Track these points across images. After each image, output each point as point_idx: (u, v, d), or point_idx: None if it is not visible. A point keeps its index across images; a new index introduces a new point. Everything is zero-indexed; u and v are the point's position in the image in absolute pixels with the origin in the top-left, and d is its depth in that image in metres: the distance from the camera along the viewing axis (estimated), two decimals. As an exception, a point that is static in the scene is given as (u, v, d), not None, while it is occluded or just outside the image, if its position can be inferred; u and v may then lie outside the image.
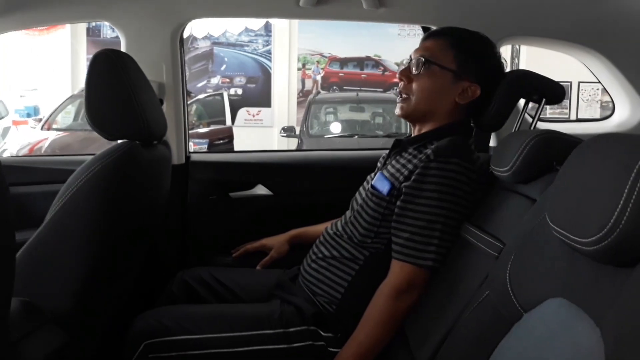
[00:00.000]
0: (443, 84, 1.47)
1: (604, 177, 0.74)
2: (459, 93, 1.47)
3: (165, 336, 1.40)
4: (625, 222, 0.68)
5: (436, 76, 1.47)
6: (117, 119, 1.40)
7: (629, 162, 0.69)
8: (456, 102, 1.48)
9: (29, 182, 1.91)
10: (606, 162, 0.75)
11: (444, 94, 1.48)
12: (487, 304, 1.05)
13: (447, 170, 1.34)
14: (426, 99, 1.48)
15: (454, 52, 1.47)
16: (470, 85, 1.47)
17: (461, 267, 1.26)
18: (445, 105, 1.48)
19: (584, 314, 0.78)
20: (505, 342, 0.96)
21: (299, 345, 1.42)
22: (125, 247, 1.47)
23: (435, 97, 1.48)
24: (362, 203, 1.48)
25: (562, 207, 0.83)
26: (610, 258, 0.72)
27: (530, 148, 1.14)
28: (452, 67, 1.46)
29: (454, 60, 1.47)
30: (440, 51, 1.48)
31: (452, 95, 1.47)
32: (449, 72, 1.46)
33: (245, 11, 1.97)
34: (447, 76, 1.47)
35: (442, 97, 1.48)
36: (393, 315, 1.34)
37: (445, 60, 1.47)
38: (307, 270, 1.54)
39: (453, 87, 1.47)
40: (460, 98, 1.47)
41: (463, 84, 1.47)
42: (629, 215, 0.68)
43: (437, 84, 1.48)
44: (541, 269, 0.94)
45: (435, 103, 1.48)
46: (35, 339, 1.13)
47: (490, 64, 1.52)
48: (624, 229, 0.68)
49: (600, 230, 0.70)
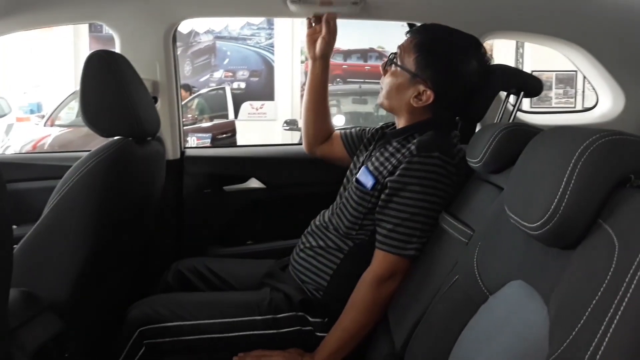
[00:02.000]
0: (401, 84, 1.50)
1: (549, 167, 0.79)
2: (414, 95, 1.48)
3: (159, 323, 1.45)
4: (564, 208, 0.74)
5: (397, 75, 1.51)
6: (111, 117, 1.47)
7: (569, 153, 0.75)
8: (411, 103, 1.49)
9: (27, 179, 1.97)
10: (552, 152, 0.81)
11: (400, 94, 1.50)
12: (457, 287, 1.11)
13: (429, 164, 1.38)
14: (387, 95, 1.53)
15: (416, 54, 1.47)
16: (425, 90, 1.47)
17: (436, 253, 1.32)
18: (404, 105, 1.51)
19: (537, 293, 0.85)
20: (472, 322, 1.02)
21: (288, 330, 1.48)
22: (120, 239, 1.54)
23: (394, 95, 1.52)
24: (347, 196, 1.53)
25: (515, 194, 0.89)
26: (554, 241, 0.79)
27: (498, 140, 1.20)
28: (411, 69, 1.48)
29: (414, 62, 1.48)
30: (406, 51, 1.50)
31: (407, 96, 1.49)
32: (407, 73, 1.49)
33: (235, 11, 2.02)
34: (405, 77, 1.49)
35: (400, 97, 1.51)
36: (376, 301, 1.39)
37: (407, 61, 1.49)
38: (296, 260, 1.59)
39: (409, 89, 1.49)
40: (414, 100, 1.48)
41: (418, 87, 1.47)
42: (567, 201, 0.74)
43: (397, 83, 1.51)
44: (504, 254, 1.01)
45: (395, 101, 1.52)
46: (34, 327, 1.20)
47: (450, 72, 1.47)
48: (563, 214, 0.74)
49: (544, 215, 0.76)
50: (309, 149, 1.86)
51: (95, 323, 1.51)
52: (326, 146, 1.83)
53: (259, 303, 1.50)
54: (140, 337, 1.45)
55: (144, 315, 1.47)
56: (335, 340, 1.40)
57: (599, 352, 0.60)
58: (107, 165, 1.39)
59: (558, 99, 8.16)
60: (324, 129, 1.82)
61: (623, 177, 0.73)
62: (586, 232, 0.74)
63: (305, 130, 1.84)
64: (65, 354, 1.26)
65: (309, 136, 1.84)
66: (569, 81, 8.10)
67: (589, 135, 0.75)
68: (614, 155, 0.74)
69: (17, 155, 2.60)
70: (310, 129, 1.83)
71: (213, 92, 8.69)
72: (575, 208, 0.73)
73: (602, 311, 0.62)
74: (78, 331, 1.33)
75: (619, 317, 0.61)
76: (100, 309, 1.53)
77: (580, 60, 2.07)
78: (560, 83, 8.17)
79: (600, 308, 0.63)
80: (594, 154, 0.73)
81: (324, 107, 1.81)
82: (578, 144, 0.75)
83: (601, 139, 0.74)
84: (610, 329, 0.61)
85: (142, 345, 1.45)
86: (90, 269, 1.38)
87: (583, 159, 0.73)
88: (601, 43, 1.98)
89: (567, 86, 8.20)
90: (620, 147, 0.74)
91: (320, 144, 1.84)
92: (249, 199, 2.09)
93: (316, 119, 1.81)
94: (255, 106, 9.74)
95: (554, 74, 8.02)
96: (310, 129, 1.83)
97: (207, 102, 8.30)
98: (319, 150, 1.85)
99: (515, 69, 1.67)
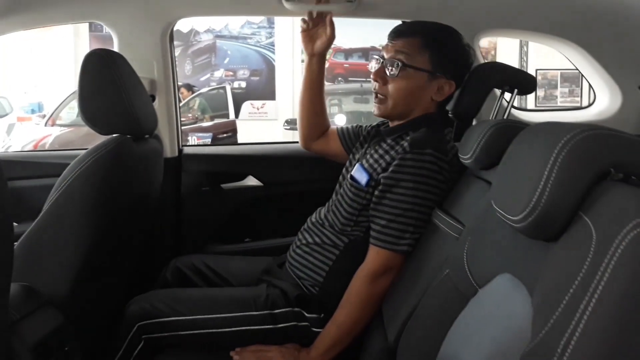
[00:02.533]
0: (419, 85, 1.50)
1: (532, 161, 0.81)
2: (435, 91, 1.51)
3: (158, 318, 1.48)
4: (545, 201, 0.76)
5: (412, 77, 1.50)
6: (109, 115, 1.50)
7: (550, 147, 0.77)
8: (432, 99, 1.52)
9: (26, 177, 2.00)
10: (535, 147, 0.83)
11: (420, 94, 1.51)
12: (448, 281, 1.13)
13: (422, 161, 1.40)
14: (403, 100, 1.52)
15: (428, 52, 1.49)
16: (445, 82, 1.51)
17: (428, 248, 1.34)
18: (423, 104, 1.52)
19: (523, 285, 0.87)
20: (462, 315, 1.05)
21: (284, 325, 1.50)
22: (118, 234, 1.56)
23: (412, 98, 1.52)
24: (343, 193, 1.55)
25: (500, 189, 0.92)
26: (536, 233, 0.81)
27: (487, 137, 1.22)
28: (428, 68, 1.49)
29: (429, 61, 1.49)
30: (415, 52, 1.49)
31: (428, 93, 1.51)
32: (425, 73, 1.50)
33: (231, 10, 2.04)
34: (422, 77, 1.50)
35: (419, 97, 1.52)
36: (370, 296, 1.41)
37: (421, 61, 1.49)
38: (292, 256, 1.61)
39: (429, 87, 1.51)
40: (437, 95, 1.52)
41: (439, 81, 1.50)
42: (548, 195, 0.76)
43: (414, 85, 1.50)
44: (492, 248, 1.03)
45: (412, 103, 1.52)
46: (34, 320, 1.23)
47: (463, 58, 1.55)
48: (544, 207, 0.76)
49: (526, 208, 0.78)
50: (305, 144, 1.88)
51: (94, 317, 1.54)
52: (322, 141, 1.85)
53: (256, 299, 1.52)
54: (138, 331, 1.48)
55: (143, 311, 1.49)
56: (330, 335, 1.42)
57: (573, 337, 0.63)
58: (106, 162, 1.42)
59: (564, 97, 8.10)
60: (320, 124, 1.85)
61: (603, 170, 0.75)
62: (567, 224, 0.76)
63: (301, 125, 1.86)
64: (65, 347, 1.29)
65: (305, 131, 1.86)
66: (574, 79, 8.03)
67: (570, 130, 0.77)
68: (593, 149, 0.76)
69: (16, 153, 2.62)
70: (306, 124, 1.85)
71: (213, 91, 8.67)
72: (556, 201, 0.75)
73: (579, 298, 0.65)
74: (78, 325, 1.36)
75: (593, 303, 0.63)
76: (99, 303, 1.56)
77: (577, 58, 2.07)
78: (565, 82, 8.10)
79: (577, 295, 0.65)
80: (574, 148, 0.75)
81: (320, 102, 1.83)
82: (559, 138, 0.77)
83: (581, 133, 0.76)
84: (585, 315, 0.63)
85: (141, 340, 1.48)
86: (90, 264, 1.41)
87: (564, 153, 0.76)
88: (598, 41, 1.98)
89: (573, 85, 8.15)
90: (600, 142, 0.76)
91: (316, 139, 1.86)
92: (246, 196, 2.11)
93: (312, 114, 1.83)
94: (256, 106, 9.72)
95: (559, 72, 7.97)
96: (306, 124, 1.85)
97: (208, 102, 8.30)
98: (315, 145, 1.87)
99: (508, 67, 1.69)
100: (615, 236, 0.65)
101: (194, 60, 9.96)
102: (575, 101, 7.99)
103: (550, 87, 8.19)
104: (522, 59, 8.57)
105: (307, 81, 1.80)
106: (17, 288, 1.26)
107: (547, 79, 8.15)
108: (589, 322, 0.63)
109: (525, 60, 8.55)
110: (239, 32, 10.17)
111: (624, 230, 0.64)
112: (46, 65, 9.47)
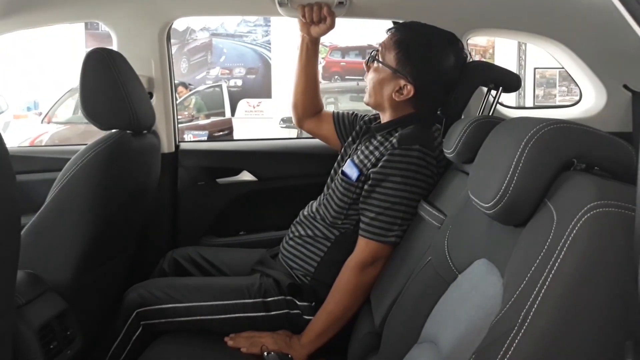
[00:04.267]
0: (383, 79, 1.58)
1: (502, 152, 0.88)
2: (395, 89, 1.56)
3: (155, 305, 1.54)
4: (513, 189, 0.83)
5: (379, 71, 1.59)
6: (108, 111, 1.56)
7: (519, 139, 0.84)
8: (392, 97, 1.57)
9: (29, 171, 2.04)
10: (506, 139, 0.90)
11: (382, 89, 1.58)
12: (430, 268, 1.20)
13: (409, 156, 1.46)
14: (373, 90, 1.61)
15: (396, 50, 1.55)
16: (405, 84, 1.54)
17: (413, 238, 1.41)
18: (387, 100, 1.59)
19: (496, 268, 0.94)
20: (442, 299, 1.11)
21: (277, 313, 1.55)
22: (118, 226, 1.62)
23: (376, 91, 1.60)
24: (334, 188, 1.61)
25: (475, 178, 0.98)
26: (506, 219, 0.88)
27: (468, 132, 1.28)
28: (392, 65, 1.56)
29: (395, 59, 1.55)
30: (387, 48, 1.58)
31: (388, 91, 1.57)
32: (388, 70, 1.57)
33: (226, 10, 2.09)
34: (386, 73, 1.57)
35: (382, 92, 1.59)
36: (358, 285, 1.47)
37: (388, 58, 1.57)
38: (285, 248, 1.67)
39: (389, 84, 1.57)
40: (396, 95, 1.56)
41: (399, 82, 1.55)
42: (515, 183, 0.83)
43: (379, 79, 1.59)
44: (471, 235, 1.10)
45: (378, 96, 1.60)
46: (38, 305, 1.30)
47: (429, 66, 1.54)
48: (512, 194, 0.83)
49: (495, 195, 0.85)
50: (297, 122, 1.92)
51: (95, 304, 1.60)
52: (315, 121, 1.89)
53: (249, 287, 1.58)
54: (137, 318, 1.54)
55: (141, 298, 1.55)
56: (321, 322, 1.48)
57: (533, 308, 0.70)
58: (106, 156, 1.48)
59: (562, 96, 8.08)
60: (314, 103, 1.88)
61: (567, 161, 0.82)
62: (534, 210, 0.83)
63: (295, 102, 1.89)
64: (67, 331, 1.35)
65: (298, 108, 1.89)
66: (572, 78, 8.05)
67: (537, 124, 0.84)
68: (558, 141, 0.83)
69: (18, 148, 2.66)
70: (299, 100, 1.87)
71: (210, 89, 8.68)
72: (523, 189, 0.82)
73: (539, 274, 0.72)
74: (79, 311, 1.42)
75: (550, 278, 0.70)
76: (100, 291, 1.62)
77: (562, 57, 2.12)
78: (564, 80, 8.08)
79: (537, 271, 0.72)
80: (539, 140, 0.82)
81: (314, 79, 1.86)
82: (527, 131, 0.84)
83: (547, 126, 0.83)
84: (543, 289, 0.70)
85: (139, 326, 1.54)
86: (90, 254, 1.47)
87: (530, 144, 0.82)
88: (582, 40, 2.02)
89: (571, 83, 8.14)
90: (564, 134, 0.83)
91: (309, 117, 1.89)
92: (241, 191, 2.17)
93: (305, 90, 1.85)
94: (252, 104, 9.71)
95: (557, 71, 7.96)
96: (299, 100, 1.87)
97: (204, 100, 8.30)
98: (308, 124, 1.90)
99: (493, 65, 1.75)
100: (572, 219, 0.71)
101: (190, 59, 9.93)
102: (573, 100, 7.97)
103: (549, 86, 8.22)
104: (520, 58, 8.59)
105: (301, 58, 1.82)
106: (23, 275, 1.32)
107: (545, 78, 8.18)
108: (545, 295, 0.69)
109: (524, 58, 8.57)
110: (235, 30, 10.13)
111: (579, 214, 0.71)
112: (42, 63, 9.46)
